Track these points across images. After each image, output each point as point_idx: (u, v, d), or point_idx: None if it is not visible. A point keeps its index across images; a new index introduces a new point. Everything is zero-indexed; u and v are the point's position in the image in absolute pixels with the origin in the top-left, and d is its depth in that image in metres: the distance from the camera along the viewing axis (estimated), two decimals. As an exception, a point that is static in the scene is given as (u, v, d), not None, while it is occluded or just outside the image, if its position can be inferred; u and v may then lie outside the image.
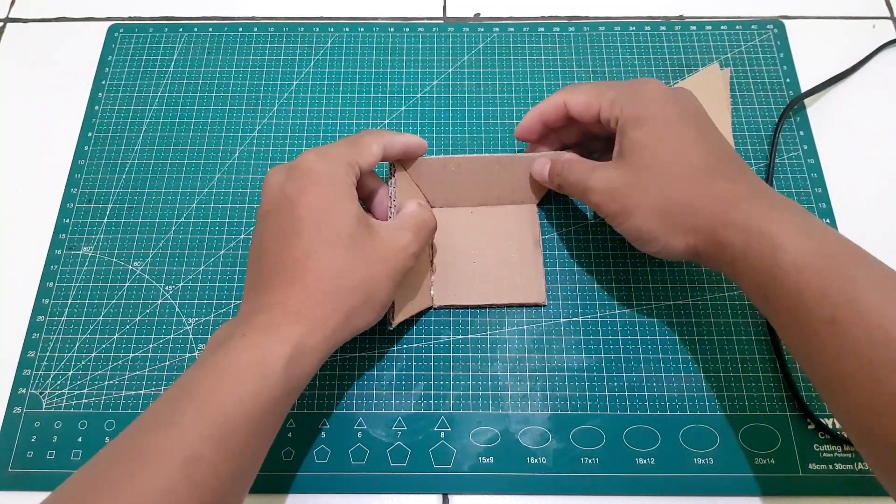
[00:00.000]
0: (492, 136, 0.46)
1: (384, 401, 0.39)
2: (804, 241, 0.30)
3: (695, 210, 0.33)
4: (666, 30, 0.50)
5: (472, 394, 0.39)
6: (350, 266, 0.32)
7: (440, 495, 0.37)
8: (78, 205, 0.45)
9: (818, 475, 0.36)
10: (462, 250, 0.41)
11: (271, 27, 0.51)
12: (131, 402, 0.39)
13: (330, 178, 0.33)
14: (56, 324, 0.41)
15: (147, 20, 0.52)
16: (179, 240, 0.43)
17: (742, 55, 0.49)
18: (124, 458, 0.27)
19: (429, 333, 0.40)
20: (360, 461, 0.37)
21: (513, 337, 0.40)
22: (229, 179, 0.45)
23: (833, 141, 0.46)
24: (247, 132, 0.47)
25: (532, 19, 0.51)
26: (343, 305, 0.32)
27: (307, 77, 0.49)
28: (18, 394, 0.39)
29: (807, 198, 0.44)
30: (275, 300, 0.31)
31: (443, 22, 0.51)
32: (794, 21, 0.50)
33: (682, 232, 0.33)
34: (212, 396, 0.28)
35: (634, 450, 0.37)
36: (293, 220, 0.32)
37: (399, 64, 0.49)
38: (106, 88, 0.49)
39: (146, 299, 0.42)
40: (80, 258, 0.43)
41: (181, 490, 0.26)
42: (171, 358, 0.40)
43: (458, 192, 0.42)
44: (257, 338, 0.30)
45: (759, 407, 0.38)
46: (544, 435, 0.37)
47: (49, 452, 0.38)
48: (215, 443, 0.27)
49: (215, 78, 0.49)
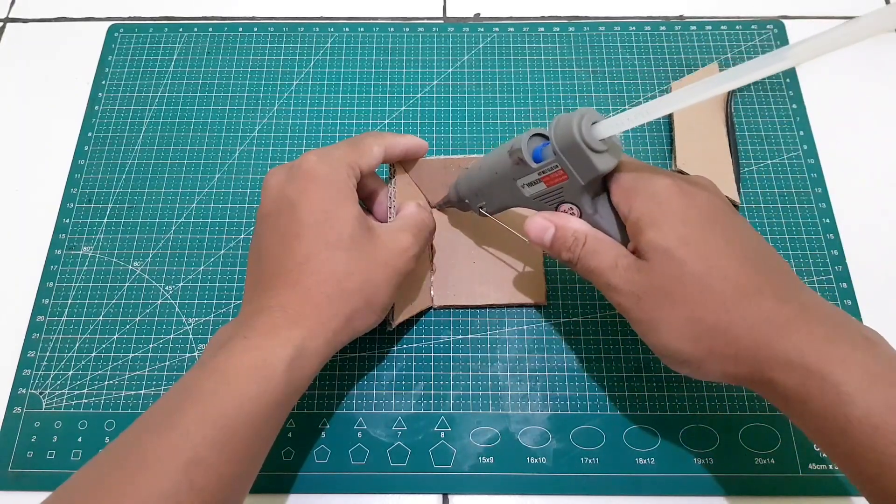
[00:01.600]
0: (492, 136, 0.46)
1: (384, 401, 0.39)
2: (877, 392, 0.25)
3: (734, 336, 0.27)
4: (666, 30, 0.50)
5: (472, 394, 0.39)
6: (351, 269, 0.32)
7: (440, 495, 0.37)
8: (78, 205, 0.45)
9: (818, 475, 0.36)
10: (462, 251, 0.41)
11: (271, 27, 0.51)
12: (131, 402, 0.39)
13: (331, 180, 0.33)
14: (56, 324, 0.41)
15: (147, 20, 0.52)
16: (179, 240, 0.43)
17: (742, 55, 0.49)
18: (125, 461, 0.26)
19: (429, 333, 0.40)
20: (360, 461, 0.37)
21: (513, 337, 0.40)
22: (229, 179, 0.45)
23: (833, 141, 0.46)
24: (247, 132, 0.47)
25: (532, 19, 0.51)
26: (344, 308, 0.32)
27: (307, 77, 0.49)
28: (18, 394, 0.39)
29: (807, 198, 0.44)
30: (276, 302, 0.31)
31: (443, 22, 0.51)
32: (794, 21, 0.50)
33: (718, 359, 0.28)
34: (213, 399, 0.27)
35: (634, 450, 0.37)
36: (294, 222, 0.32)
37: (399, 64, 0.49)
38: (106, 88, 0.49)
39: (146, 299, 0.42)
40: (80, 258, 0.43)
41: (183, 493, 0.26)
42: (171, 358, 0.40)
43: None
44: (258, 340, 0.29)
45: (759, 407, 0.38)
46: (544, 435, 0.37)
47: (49, 452, 0.38)
48: (217, 445, 0.27)
49: (215, 78, 0.49)
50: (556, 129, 0.30)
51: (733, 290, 0.28)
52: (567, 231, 0.32)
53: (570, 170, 0.30)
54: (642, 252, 0.30)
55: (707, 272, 0.28)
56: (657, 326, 0.29)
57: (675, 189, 0.30)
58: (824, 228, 0.43)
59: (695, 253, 0.28)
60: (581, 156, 0.29)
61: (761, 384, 0.28)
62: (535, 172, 0.32)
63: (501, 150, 0.33)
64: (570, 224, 0.32)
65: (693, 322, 0.28)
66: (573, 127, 0.29)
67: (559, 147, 0.30)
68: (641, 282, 0.29)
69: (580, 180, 0.30)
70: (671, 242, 0.28)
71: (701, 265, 0.28)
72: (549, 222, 0.33)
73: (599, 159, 0.29)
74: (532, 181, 0.32)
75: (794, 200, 0.44)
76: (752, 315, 0.27)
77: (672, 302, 0.28)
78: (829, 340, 0.26)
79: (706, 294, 0.28)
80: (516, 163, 0.32)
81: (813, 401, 0.26)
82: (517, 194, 0.34)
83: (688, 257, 0.28)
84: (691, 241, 0.29)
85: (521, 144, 0.31)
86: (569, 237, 0.32)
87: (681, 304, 0.28)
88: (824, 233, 0.43)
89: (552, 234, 0.33)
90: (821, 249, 0.42)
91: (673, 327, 0.29)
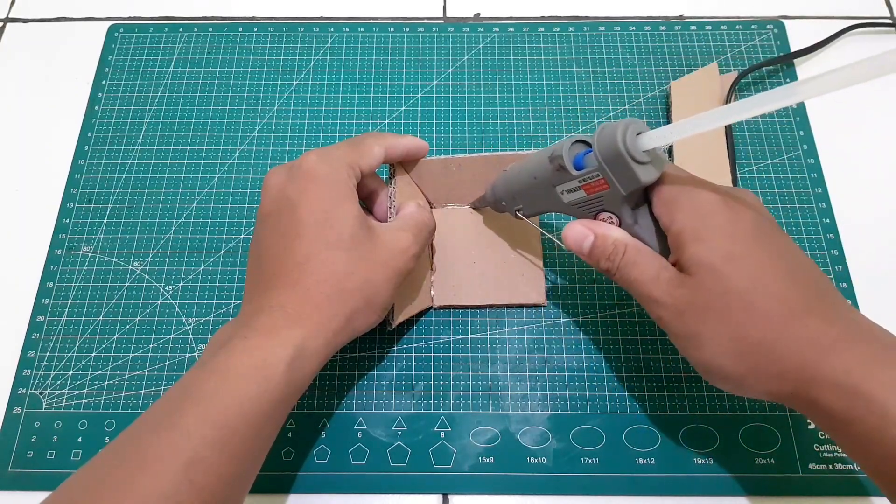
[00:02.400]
0: (492, 136, 0.46)
1: (384, 401, 0.39)
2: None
3: (779, 355, 0.27)
4: (666, 30, 0.50)
5: (472, 394, 0.39)
6: (351, 269, 0.32)
7: (440, 495, 0.37)
8: (78, 205, 0.45)
9: (818, 475, 0.36)
10: (462, 251, 0.41)
11: (271, 27, 0.51)
12: (131, 402, 0.39)
13: (331, 180, 0.33)
14: (56, 324, 0.41)
15: (147, 20, 0.52)
16: (179, 240, 0.43)
17: (742, 55, 0.49)
18: (125, 461, 0.26)
19: (429, 333, 0.40)
20: (360, 461, 0.37)
21: (513, 337, 0.40)
22: (229, 179, 0.45)
23: (833, 141, 0.46)
24: (247, 132, 0.47)
25: (532, 19, 0.51)
26: (344, 308, 0.32)
27: (307, 77, 0.49)
28: (18, 394, 0.39)
29: (807, 198, 0.44)
30: (276, 302, 0.31)
31: (443, 22, 0.51)
32: (794, 21, 0.50)
33: (763, 378, 0.28)
34: (213, 399, 0.27)
35: (634, 450, 0.37)
36: (294, 221, 0.32)
37: (399, 64, 0.49)
38: (106, 88, 0.49)
39: (146, 299, 0.42)
40: (80, 258, 0.43)
41: (183, 493, 0.25)
42: (171, 358, 0.40)
43: (458, 193, 0.42)
44: (258, 340, 0.29)
45: (759, 407, 0.38)
46: (544, 435, 0.37)
47: (49, 452, 0.38)
48: (217, 445, 0.27)
49: (215, 78, 0.49)
50: (599, 138, 0.29)
51: (779, 308, 0.27)
52: (607, 240, 0.32)
53: (612, 180, 0.30)
54: (685, 266, 0.29)
55: (752, 289, 0.28)
56: (700, 342, 0.29)
57: (720, 204, 0.29)
58: (824, 228, 0.43)
59: (740, 269, 0.28)
60: (624, 166, 0.29)
61: (806, 404, 0.27)
62: (576, 180, 0.31)
63: (542, 155, 0.33)
64: (610, 233, 0.32)
65: (737, 339, 0.28)
66: (617, 137, 0.28)
67: (602, 156, 0.29)
68: (684, 296, 0.29)
69: (622, 191, 0.30)
70: (716, 258, 0.28)
71: (746, 282, 0.28)
72: (589, 230, 0.32)
73: (643, 171, 0.29)
74: (572, 188, 0.32)
75: (794, 200, 0.44)
76: (798, 334, 0.27)
77: (716, 318, 0.28)
78: (876, 362, 0.26)
79: (751, 311, 0.28)
80: (556, 169, 0.32)
81: (858, 423, 0.26)
82: (556, 200, 0.33)
83: (733, 274, 0.28)
84: (737, 257, 0.28)
85: (562, 151, 0.31)
86: (608, 246, 0.32)
87: (725, 320, 0.28)
88: (824, 233, 0.43)
89: (591, 241, 0.32)
90: (821, 249, 0.42)
91: (716, 343, 0.28)
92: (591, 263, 0.33)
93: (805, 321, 0.27)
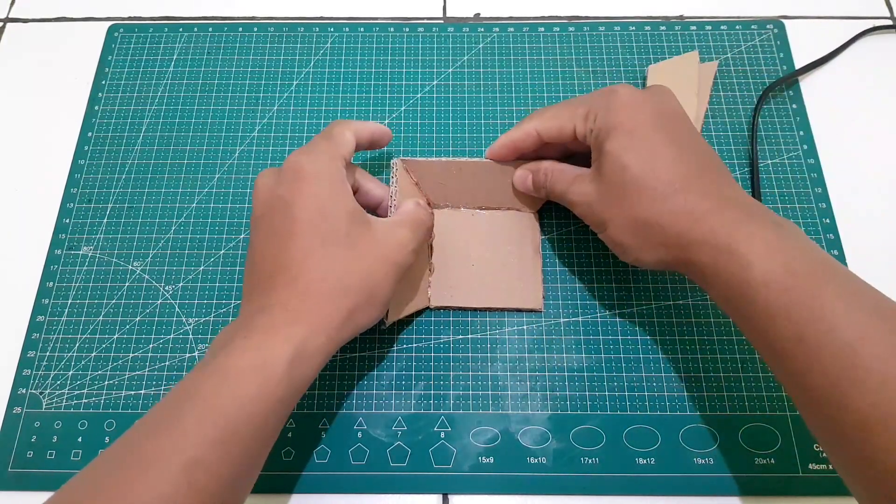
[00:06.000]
0: (492, 137, 0.46)
1: (384, 401, 0.39)
2: (773, 257, 0.29)
3: (661, 227, 0.32)
4: (666, 30, 0.50)
5: (472, 394, 0.39)
6: (350, 265, 0.32)
7: (440, 495, 0.37)
8: (78, 205, 0.45)
9: (818, 475, 0.36)
10: (461, 252, 0.41)
11: (271, 27, 0.51)
12: (131, 402, 0.39)
13: (322, 175, 0.33)
14: (56, 324, 0.41)
15: (147, 20, 0.52)
16: (179, 240, 0.43)
17: (742, 55, 0.49)
18: (125, 462, 0.26)
19: (429, 333, 0.40)
20: (360, 461, 0.37)
21: (513, 337, 0.40)
22: (229, 179, 0.45)
23: (833, 141, 0.46)
24: (247, 132, 0.47)
25: (532, 19, 0.51)
26: (345, 304, 0.31)
27: (307, 77, 0.49)
28: (18, 394, 0.39)
29: (807, 198, 0.44)
30: (276, 300, 0.31)
31: (443, 22, 0.51)
32: (794, 21, 0.50)
33: (652, 248, 0.33)
34: (213, 399, 0.27)
35: (634, 450, 0.37)
36: (289, 220, 0.32)
37: (399, 64, 0.49)
38: (106, 88, 0.49)
39: (146, 299, 0.42)
40: (80, 258, 0.43)
41: (182, 494, 0.25)
42: (171, 358, 0.40)
43: (458, 195, 0.42)
44: (258, 340, 0.29)
45: (759, 407, 0.38)
46: (544, 435, 0.37)
47: (49, 452, 0.38)
48: (217, 446, 0.27)
49: (215, 78, 0.49)
50: None
51: (663, 188, 0.32)
52: (539, 171, 0.38)
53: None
54: (598, 163, 0.34)
55: (644, 174, 0.32)
56: (605, 224, 0.34)
57: (625, 100, 0.34)
58: (824, 228, 0.43)
59: (636, 159, 0.33)
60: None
61: (686, 266, 0.32)
62: None
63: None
64: (540, 165, 0.38)
65: (631, 218, 0.33)
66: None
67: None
68: (594, 190, 0.34)
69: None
70: (620, 151, 0.33)
71: (640, 168, 0.32)
72: (527, 171, 0.39)
73: None
74: None
75: (794, 200, 0.44)
76: (676, 208, 0.32)
77: (617, 203, 0.33)
78: (738, 222, 0.30)
79: (641, 193, 0.32)
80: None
81: (722, 271, 0.30)
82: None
83: (630, 162, 0.33)
84: (635, 147, 0.33)
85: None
86: (540, 175, 0.38)
87: (623, 203, 0.33)
88: (824, 233, 0.43)
89: (530, 178, 0.39)
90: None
91: (616, 223, 0.34)
92: (538, 195, 0.40)
93: (684, 197, 0.32)
